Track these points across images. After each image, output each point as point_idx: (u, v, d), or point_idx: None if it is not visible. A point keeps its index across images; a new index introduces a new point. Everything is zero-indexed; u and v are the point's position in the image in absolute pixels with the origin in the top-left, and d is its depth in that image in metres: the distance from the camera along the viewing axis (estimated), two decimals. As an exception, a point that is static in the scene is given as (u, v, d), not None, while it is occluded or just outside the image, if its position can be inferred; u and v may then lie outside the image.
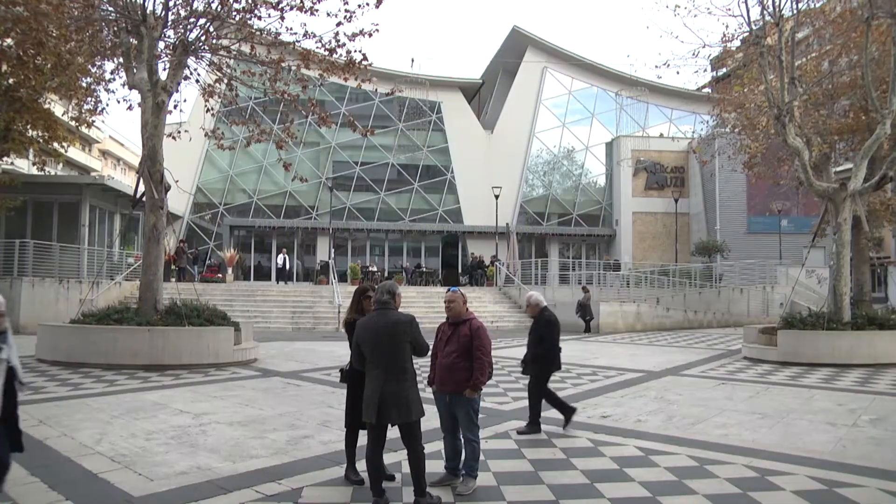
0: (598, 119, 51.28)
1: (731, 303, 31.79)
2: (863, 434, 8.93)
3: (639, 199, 48.57)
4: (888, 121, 17.20)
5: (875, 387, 13.06)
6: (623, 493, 6.23)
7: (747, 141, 26.35)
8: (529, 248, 47.17)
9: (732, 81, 26.19)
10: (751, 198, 45.34)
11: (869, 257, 28.56)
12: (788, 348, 16.42)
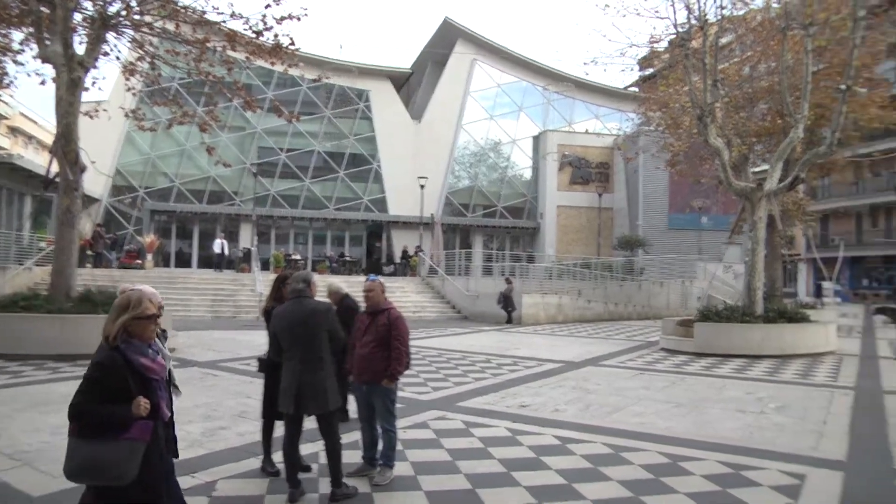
0: (526, 113, 51.72)
1: (651, 296, 32.48)
2: (769, 421, 9.31)
3: (563, 193, 49.20)
4: (801, 125, 17.91)
5: (782, 376, 13.59)
6: (539, 482, 6.32)
7: (671, 140, 26.95)
8: (454, 240, 47.27)
9: (658, 81, 26.71)
10: (672, 195, 46.43)
11: (781, 254, 29.52)
12: (704, 340, 16.86)
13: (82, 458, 3.49)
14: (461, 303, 30.74)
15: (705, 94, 17.99)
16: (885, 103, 24.83)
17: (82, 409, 3.50)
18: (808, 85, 17.93)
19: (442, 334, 21.60)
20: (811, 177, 31.41)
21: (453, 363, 14.67)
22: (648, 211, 46.91)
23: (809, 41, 18.01)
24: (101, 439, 3.48)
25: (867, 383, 12.89)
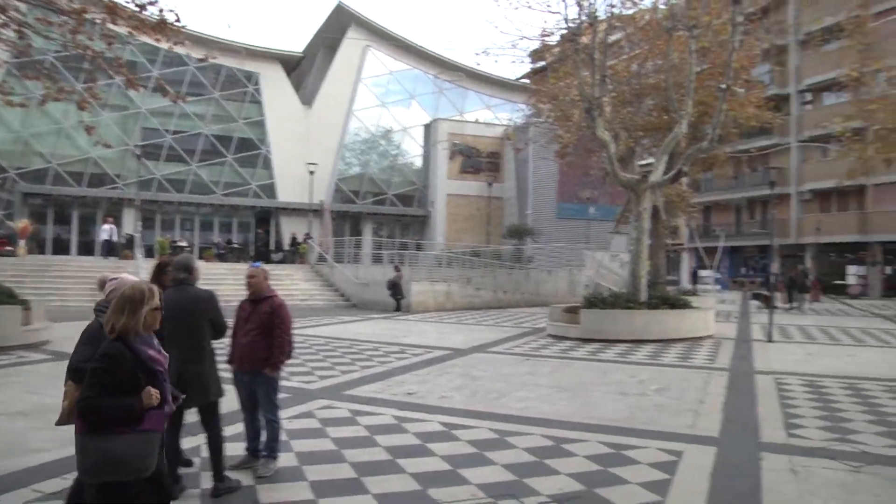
0: (418, 101, 51.69)
1: (540, 284, 33.05)
2: (649, 402, 9.67)
3: (454, 181, 49.48)
4: (684, 121, 18.66)
5: (663, 360, 14.11)
6: (425, 468, 6.32)
7: (560, 131, 27.43)
8: (343, 227, 46.84)
9: (549, 74, 27.14)
10: (561, 185, 47.36)
11: (665, 244, 30.58)
12: (590, 326, 17.28)
13: (100, 454, 3.39)
14: (350, 291, 30.54)
15: (594, 89, 18.41)
16: (761, 103, 26.15)
17: (94, 403, 3.40)
18: (692, 83, 18.66)
19: (330, 322, 21.36)
20: (694, 171, 32.53)
21: (341, 352, 14.53)
22: (537, 200, 47.73)
23: (693, 42, 18.71)
24: (116, 433, 3.40)
25: (741, 365, 13.55)
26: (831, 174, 37.46)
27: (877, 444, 7.52)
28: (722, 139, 24.47)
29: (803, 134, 44.87)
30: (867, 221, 43.06)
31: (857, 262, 44.58)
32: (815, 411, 9.20)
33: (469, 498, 5.59)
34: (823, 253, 46.64)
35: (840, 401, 9.91)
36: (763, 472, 6.47)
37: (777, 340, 17.69)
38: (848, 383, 11.35)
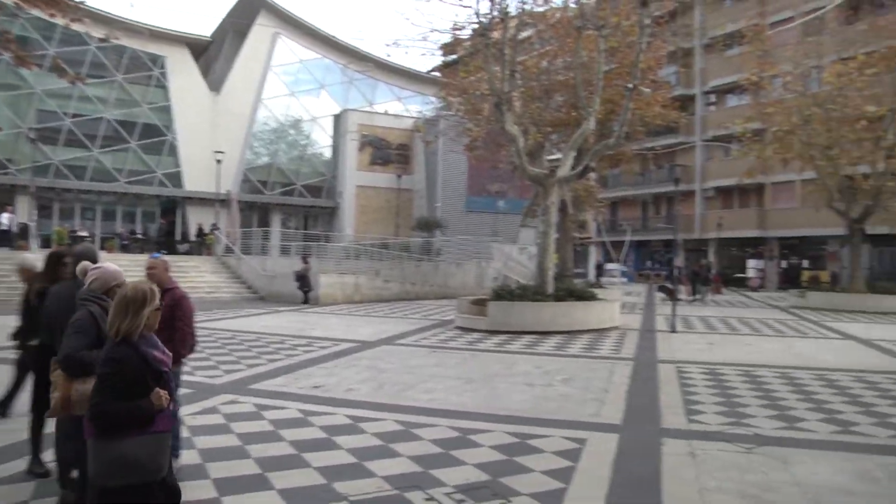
0: (328, 91, 51.04)
1: (448, 276, 33.16)
2: (555, 392, 9.80)
3: (363, 173, 49.13)
4: (592, 118, 19.03)
5: (569, 350, 14.32)
6: (330, 462, 6.25)
7: (470, 125, 27.60)
8: (251, 218, 45.95)
9: (459, 68, 27.22)
10: (470, 178, 47.57)
11: (573, 237, 31.13)
12: (497, 318, 17.40)
13: (113, 458, 3.36)
14: (258, 283, 30.00)
15: (503, 84, 18.55)
16: (667, 103, 27.05)
17: (105, 408, 3.36)
18: (600, 82, 19.05)
19: (237, 315, 20.93)
20: (602, 167, 33.27)
21: (247, 345, 14.23)
22: (447, 193, 47.85)
23: (602, 42, 19.09)
24: (127, 436, 3.38)
25: (645, 355, 13.90)
26: (733, 172, 38.84)
27: (768, 427, 7.94)
28: (629, 137, 25.09)
29: (707, 133, 46.47)
30: (765, 218, 45.04)
31: (757, 256, 46.57)
32: (714, 398, 9.55)
33: (375, 490, 5.53)
34: (725, 247, 48.45)
35: (737, 387, 10.32)
36: (663, 456, 6.69)
37: (680, 331, 18.22)
38: (745, 371, 11.82)
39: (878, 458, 6.78)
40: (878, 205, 27.44)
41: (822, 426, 7.98)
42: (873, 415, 8.74)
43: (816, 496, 5.69)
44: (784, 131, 28.46)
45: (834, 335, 18.63)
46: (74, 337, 4.24)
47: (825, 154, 27.39)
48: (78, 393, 4.06)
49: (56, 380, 4.25)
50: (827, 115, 27.09)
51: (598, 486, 5.76)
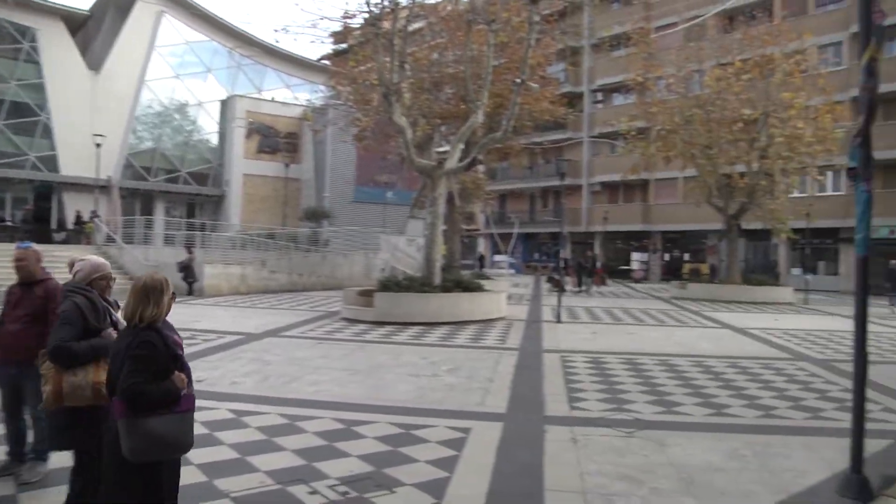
0: (214, 75, 49.70)
1: (336, 267, 32.79)
2: (441, 382, 9.83)
3: (250, 161, 48.17)
4: (480, 111, 19.15)
5: (455, 341, 14.41)
6: (211, 458, 6.05)
7: (359, 115, 27.34)
8: (134, 205, 44.23)
9: (349, 57, 26.92)
10: (359, 169, 47.35)
11: (461, 229, 31.38)
12: (384, 309, 17.34)
13: (148, 436, 3.51)
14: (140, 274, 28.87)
15: (392, 74, 18.42)
16: (555, 99, 27.61)
17: (142, 388, 3.53)
18: (489, 76, 19.19)
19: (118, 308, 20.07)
20: (491, 160, 33.67)
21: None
22: (335, 183, 47.44)
23: (492, 36, 19.21)
24: (157, 416, 3.55)
25: (530, 344, 14.12)
26: (618, 168, 39.98)
27: (648, 412, 8.26)
28: (517, 131, 25.44)
29: (594, 130, 47.68)
30: (649, 213, 46.68)
31: (641, 249, 48.19)
32: (597, 385, 9.80)
33: (257, 486, 5.41)
34: (611, 240, 49.91)
35: (619, 375, 10.64)
36: (546, 443, 6.82)
37: (565, 321, 18.65)
38: (627, 359, 12.22)
39: (746, 438, 7.23)
40: (753, 202, 28.93)
41: (698, 409, 8.31)
42: (744, 398, 9.23)
43: (690, 475, 5.97)
44: (667, 130, 29.64)
45: (711, 324, 19.50)
46: (62, 328, 4.27)
47: (705, 153, 28.63)
48: (69, 384, 4.16)
49: (46, 373, 4.26)
50: (707, 116, 28.47)
51: (482, 474, 5.80)
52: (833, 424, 7.87)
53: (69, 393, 4.17)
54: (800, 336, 16.76)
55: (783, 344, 15.28)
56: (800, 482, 5.92)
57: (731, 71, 28.15)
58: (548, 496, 5.38)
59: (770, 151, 27.75)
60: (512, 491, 5.50)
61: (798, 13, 37.84)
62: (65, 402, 4.18)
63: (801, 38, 28.72)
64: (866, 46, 5.76)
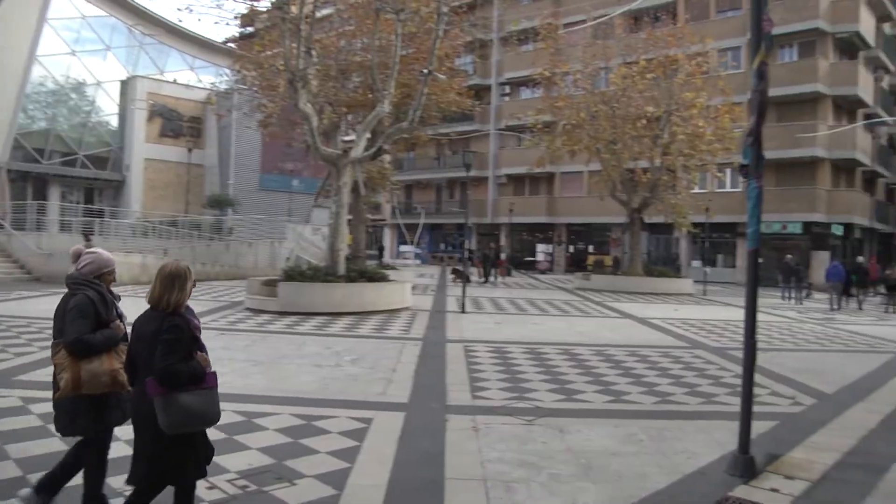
0: (114, 53, 47.67)
1: (240, 256, 32.15)
2: (343, 372, 9.80)
3: (153, 145, 46.67)
4: (387, 101, 19.06)
5: (359, 331, 14.39)
6: (104, 454, 5.78)
7: (264, 101, 26.86)
8: (26, 189, 42.23)
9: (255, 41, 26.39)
10: (265, 156, 46.57)
11: (366, 219, 31.22)
12: (288, 299, 17.11)
13: (180, 410, 3.84)
14: (32, 262, 27.62)
15: (298, 60, 18.13)
16: (462, 91, 27.81)
17: (176, 368, 3.85)
18: (396, 65, 19.08)
19: (6, 299, 19.15)
20: (398, 149, 33.63)
21: (16, 331, 12.97)
22: (240, 170, 46.53)
23: (400, 26, 19.11)
24: (188, 392, 3.88)
25: (434, 334, 14.19)
26: (524, 161, 40.52)
27: (548, 400, 8.43)
28: (423, 121, 25.46)
29: (501, 123, 48.06)
30: (555, 205, 47.49)
31: (546, 241, 48.95)
32: (499, 374, 9.94)
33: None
34: (517, 232, 50.55)
35: (521, 364, 10.80)
36: (448, 431, 6.88)
37: (470, 311, 18.81)
38: (530, 348, 12.41)
39: (642, 423, 7.51)
40: (655, 196, 29.90)
41: (598, 397, 8.50)
42: (642, 385, 9.55)
43: (588, 460, 6.14)
44: (573, 125, 30.27)
45: (614, 314, 20.03)
46: (79, 322, 4.43)
47: (609, 148, 29.38)
48: (88, 372, 4.37)
49: (62, 362, 4.42)
50: (612, 112, 29.28)
51: (383, 464, 5.80)
52: (725, 408, 8.25)
53: (88, 381, 4.37)
54: (697, 325, 17.43)
55: (681, 333, 15.85)
56: (692, 463, 6.18)
57: (635, 69, 28.95)
58: (448, 485, 5.41)
59: (672, 148, 28.75)
60: (413, 480, 5.51)
61: (700, 17, 39.28)
62: (83, 389, 4.37)
63: (703, 41, 29.75)
64: (757, 52, 6.06)
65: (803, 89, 36.11)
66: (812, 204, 36.20)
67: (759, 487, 5.59)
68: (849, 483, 5.84)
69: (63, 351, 4.42)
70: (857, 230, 39.93)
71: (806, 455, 6.53)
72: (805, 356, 13.42)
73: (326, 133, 23.32)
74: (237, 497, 5.01)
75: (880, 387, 10.31)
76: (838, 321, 20.69)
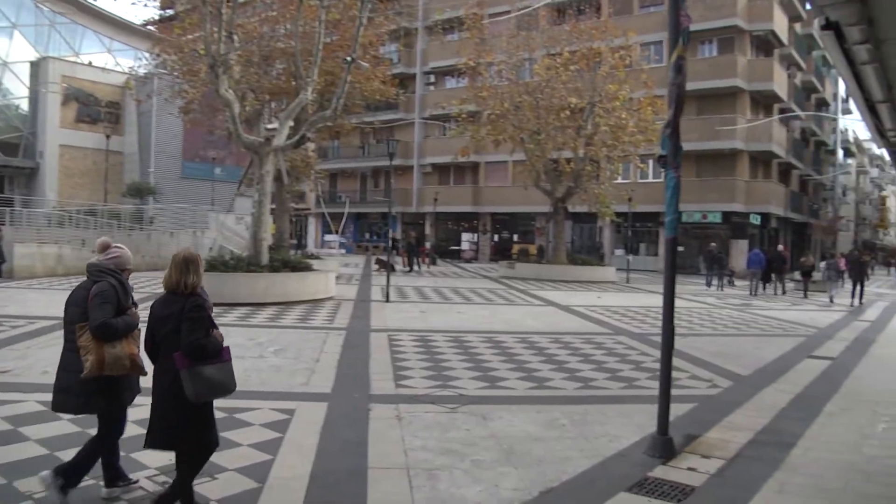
0: (22, 32, 45.61)
1: (162, 246, 31.32)
2: (266, 363, 9.70)
3: (68, 131, 45.07)
4: (310, 88, 18.77)
5: (283, 321, 14.24)
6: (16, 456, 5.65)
7: (185, 86, 26.21)
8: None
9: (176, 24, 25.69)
10: (186, 143, 45.47)
11: (290, 208, 30.83)
12: (210, 289, 16.44)
13: (205, 381, 4.38)
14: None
15: (220, 45, 17.73)
16: (386, 79, 27.67)
17: (202, 342, 4.37)
18: (319, 52, 18.76)
19: None
20: (321, 138, 33.28)
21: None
22: (161, 158, 45.38)
23: (323, 12, 18.86)
24: (210, 364, 4.41)
25: (359, 324, 14.14)
26: (449, 150, 40.49)
27: (471, 388, 8.49)
28: (347, 109, 25.27)
29: (426, 112, 47.96)
30: (480, 194, 47.76)
31: (471, 230, 49.19)
32: (423, 363, 9.96)
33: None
34: (442, 221, 50.66)
35: (445, 352, 10.85)
36: (371, 421, 6.88)
37: (394, 300, 18.81)
38: (454, 337, 12.47)
39: (564, 408, 7.64)
40: (579, 186, 30.40)
41: (521, 383, 8.59)
42: (565, 371, 9.72)
43: (511, 446, 6.22)
44: (497, 115, 30.49)
45: (538, 302, 20.27)
46: (105, 307, 4.77)
47: (534, 138, 29.66)
48: (112, 356, 4.72)
49: (87, 344, 4.72)
50: (536, 103, 29.59)
51: (305, 455, 5.77)
52: (645, 392, 8.46)
53: (111, 363, 4.72)
54: (620, 312, 17.80)
55: (604, 320, 16.16)
56: (613, 446, 6.34)
57: (559, 61, 29.33)
58: (371, 474, 5.41)
59: (595, 139, 29.26)
60: (335, 470, 5.48)
61: (623, 12, 39.93)
62: (105, 371, 4.70)
63: (626, 34, 30.29)
64: (675, 46, 6.20)
65: (722, 84, 37.24)
66: (731, 194, 37.37)
67: (676, 467, 5.77)
68: (760, 460, 6.07)
69: (87, 334, 4.72)
70: (773, 219, 41.37)
71: (721, 435, 6.79)
72: (723, 341, 13.86)
73: (249, 120, 22.91)
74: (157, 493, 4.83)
75: (791, 368, 10.74)
76: (755, 307, 21.42)
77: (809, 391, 9.10)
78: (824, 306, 22.89)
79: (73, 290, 5.01)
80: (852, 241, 69.43)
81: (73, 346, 4.82)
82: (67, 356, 4.91)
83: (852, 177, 74.08)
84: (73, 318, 4.87)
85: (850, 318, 19.43)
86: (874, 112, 9.06)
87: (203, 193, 42.45)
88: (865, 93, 7.95)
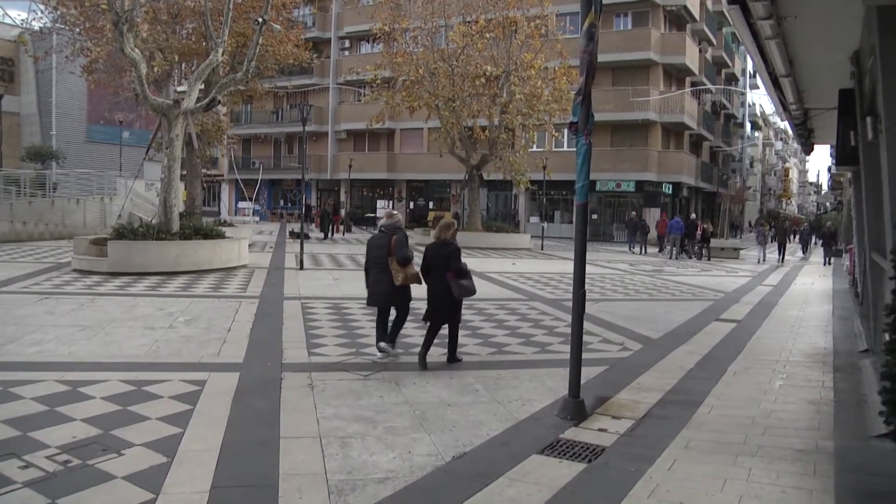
0: None
1: (66, 214, 30.11)
2: (177, 334, 9.48)
3: (-45, 90, 42.58)
4: (220, 49, 18.17)
5: (195, 291, 13.94)
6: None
7: (88, 43, 25.05)
8: None
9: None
10: (91, 105, 43.60)
11: (202, 173, 30.07)
12: (119, 259, 16.22)
13: (464, 287, 7.96)
14: None
15: (123, 0, 17.01)
16: (300, 43, 27.14)
17: (464, 267, 8.17)
18: (230, 12, 18.17)
19: None
20: (234, 102, 32.49)
21: None
22: (63, 120, 43.39)
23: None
24: (465, 279, 8.02)
25: (272, 292, 14.01)
26: (364, 117, 40.08)
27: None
28: (260, 73, 24.72)
29: (341, 78, 47.29)
30: (395, 161, 47.63)
31: (386, 197, 48.97)
32: (336, 331, 9.99)
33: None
34: (357, 188, 50.36)
35: (359, 320, 10.90)
36: (283, 390, 6.83)
37: (308, 268, 18.64)
38: (366, 303, 12.34)
39: (478, 373, 7.81)
40: (494, 154, 30.58)
41: (434, 350, 8.55)
42: (478, 336, 9.92)
43: (424, 412, 6.30)
44: (412, 81, 30.32)
45: (452, 269, 20.28)
46: (406, 247, 8.09)
47: (449, 105, 29.63)
48: (410, 275, 8.14)
49: (397, 269, 8.08)
50: (451, 70, 29.59)
51: (216, 427, 5.66)
52: (558, 356, 8.65)
53: (411, 278, 8.17)
54: (534, 278, 18.07)
55: (518, 286, 16.39)
56: (526, 409, 6.47)
57: (475, 29, 29.35)
58: (283, 443, 5.36)
59: (510, 108, 29.43)
60: (247, 441, 5.40)
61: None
62: (406, 282, 8.15)
63: (542, 4, 30.36)
64: (587, 14, 6.24)
65: (637, 56, 37.98)
66: (644, 164, 38.29)
67: (588, 428, 5.92)
68: (668, 419, 6.29)
69: (395, 263, 8.05)
70: (685, 189, 42.62)
71: (632, 396, 7.02)
72: (635, 305, 14.27)
73: (157, 82, 22.15)
74: (57, 474, 4.62)
75: (699, 331, 11.15)
76: (666, 273, 22.06)
77: (716, 352, 9.48)
78: (731, 271, 23.84)
79: (373, 239, 8.48)
80: (758, 211, 72.25)
81: (385, 268, 8.10)
82: (380, 277, 8.19)
83: (759, 149, 76.69)
84: (384, 255, 8.12)
85: (754, 282, 20.26)
86: (778, 86, 9.39)
87: (111, 158, 40.87)
88: (770, 67, 8.23)
